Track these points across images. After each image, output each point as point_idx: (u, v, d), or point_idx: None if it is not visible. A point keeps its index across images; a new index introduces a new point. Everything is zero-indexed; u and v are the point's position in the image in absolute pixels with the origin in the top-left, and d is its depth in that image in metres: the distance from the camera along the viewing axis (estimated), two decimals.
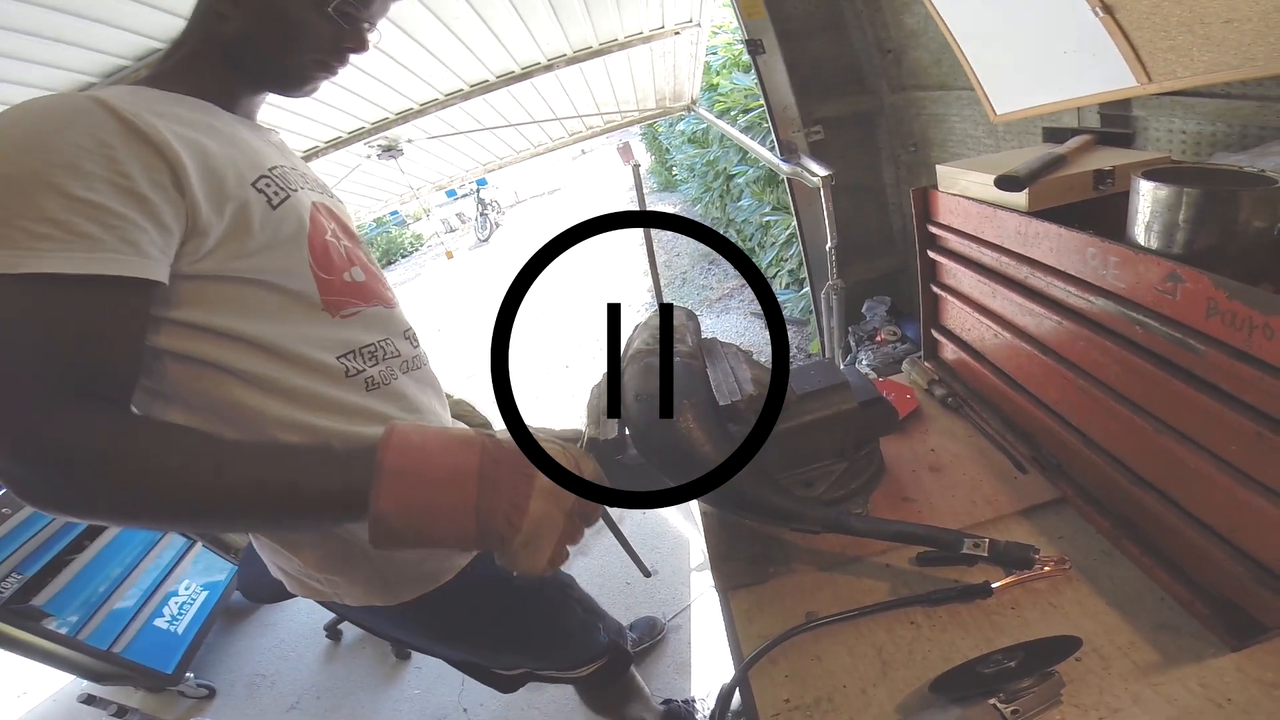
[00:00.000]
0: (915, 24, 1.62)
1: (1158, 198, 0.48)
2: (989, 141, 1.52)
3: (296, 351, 0.59)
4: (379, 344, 0.67)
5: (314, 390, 0.60)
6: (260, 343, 0.57)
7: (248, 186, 0.56)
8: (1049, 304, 0.64)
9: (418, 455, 0.44)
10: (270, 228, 0.57)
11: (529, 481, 0.46)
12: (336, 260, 0.64)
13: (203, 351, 0.54)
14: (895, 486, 0.76)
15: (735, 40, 3.40)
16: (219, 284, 0.54)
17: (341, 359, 0.63)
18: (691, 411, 0.59)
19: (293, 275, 0.59)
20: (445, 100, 2.35)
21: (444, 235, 10.62)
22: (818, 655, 0.58)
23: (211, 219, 0.52)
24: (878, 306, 2.25)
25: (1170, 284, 0.46)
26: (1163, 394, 0.52)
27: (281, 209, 0.58)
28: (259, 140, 0.64)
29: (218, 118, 0.59)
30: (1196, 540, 0.52)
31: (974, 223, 0.74)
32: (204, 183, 0.51)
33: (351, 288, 0.66)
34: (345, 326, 0.64)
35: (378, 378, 0.66)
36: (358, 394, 0.63)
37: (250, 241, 0.55)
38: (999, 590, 0.58)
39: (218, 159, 0.54)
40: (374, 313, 0.68)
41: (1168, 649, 0.50)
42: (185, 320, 0.53)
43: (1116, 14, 0.73)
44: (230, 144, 0.57)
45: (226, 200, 0.53)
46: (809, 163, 1.82)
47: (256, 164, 0.59)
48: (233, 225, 0.54)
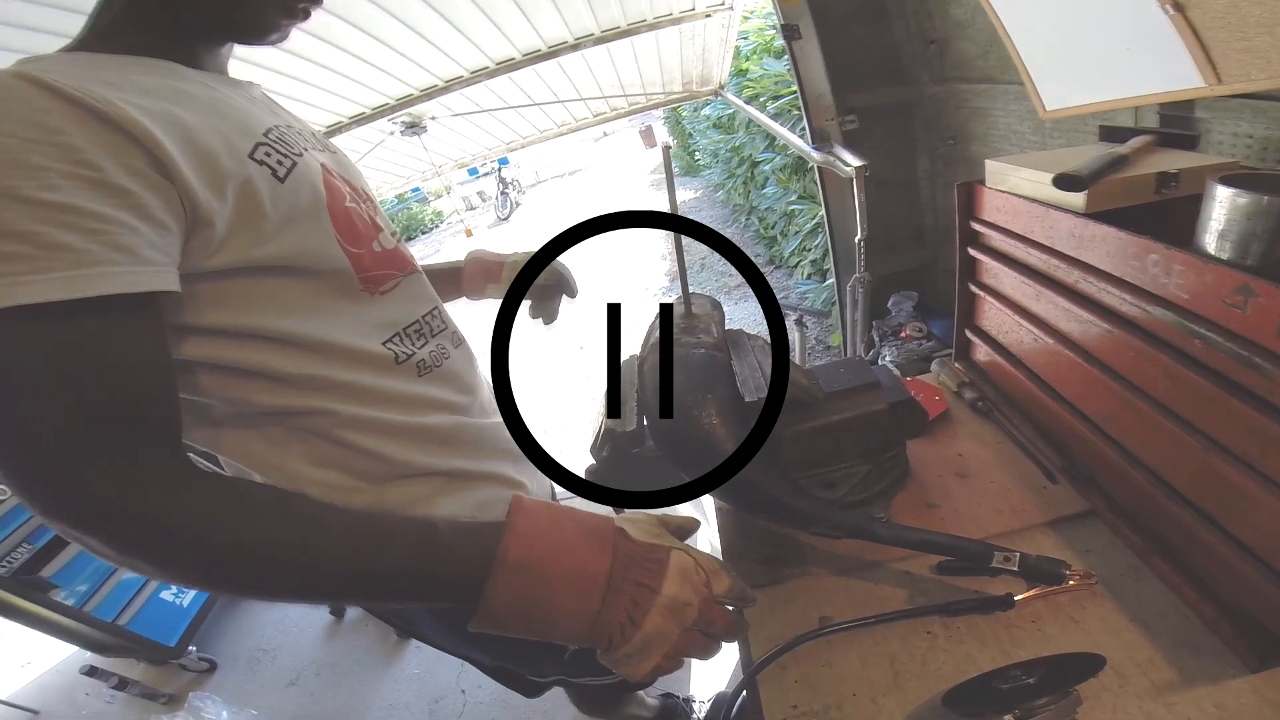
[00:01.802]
0: (962, 15, 1.55)
1: (1236, 205, 0.44)
2: (1034, 138, 1.46)
3: (341, 344, 0.52)
4: (424, 319, 0.62)
5: (365, 385, 0.54)
6: (300, 339, 0.50)
7: (245, 160, 0.47)
8: (1099, 310, 0.61)
9: (544, 549, 0.40)
10: (284, 204, 0.49)
11: (652, 596, 0.41)
12: (362, 229, 0.57)
13: (238, 358, 0.48)
14: (919, 491, 0.74)
15: (768, 25, 3.31)
16: (242, 279, 0.47)
17: (388, 344, 0.56)
18: (714, 406, 0.57)
19: (322, 255, 0.52)
20: (471, 78, 2.32)
21: (464, 213, 10.66)
22: (829, 661, 0.57)
23: (213, 204, 0.44)
24: (904, 302, 2.19)
25: (1241, 297, 0.43)
26: (1216, 411, 0.49)
27: (291, 180, 0.50)
28: (242, 99, 0.54)
29: (186, 79, 0.48)
30: (1232, 560, 0.50)
31: (1023, 222, 0.70)
32: (192, 162, 0.42)
33: (384, 258, 0.58)
34: (386, 304, 0.57)
35: (429, 359, 0.60)
36: (409, 380, 0.57)
37: (265, 224, 0.47)
38: (1020, 603, 0.56)
39: (201, 131, 0.44)
40: (412, 281, 0.62)
41: (1186, 668, 0.50)
42: (212, 326, 0.46)
43: (1188, 12, 0.69)
44: (210, 110, 0.47)
45: (225, 180, 0.45)
46: (842, 152, 1.77)
47: (248, 130, 0.49)
48: (240, 208, 0.46)
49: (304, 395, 0.51)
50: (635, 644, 0.41)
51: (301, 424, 0.52)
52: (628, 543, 0.43)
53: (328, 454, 0.53)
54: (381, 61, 2.01)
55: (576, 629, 0.40)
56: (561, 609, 0.40)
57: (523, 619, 0.40)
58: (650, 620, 0.41)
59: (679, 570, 0.43)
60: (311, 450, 0.53)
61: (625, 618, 0.40)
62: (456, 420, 0.61)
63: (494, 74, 2.32)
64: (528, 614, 0.40)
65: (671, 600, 0.42)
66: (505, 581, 0.39)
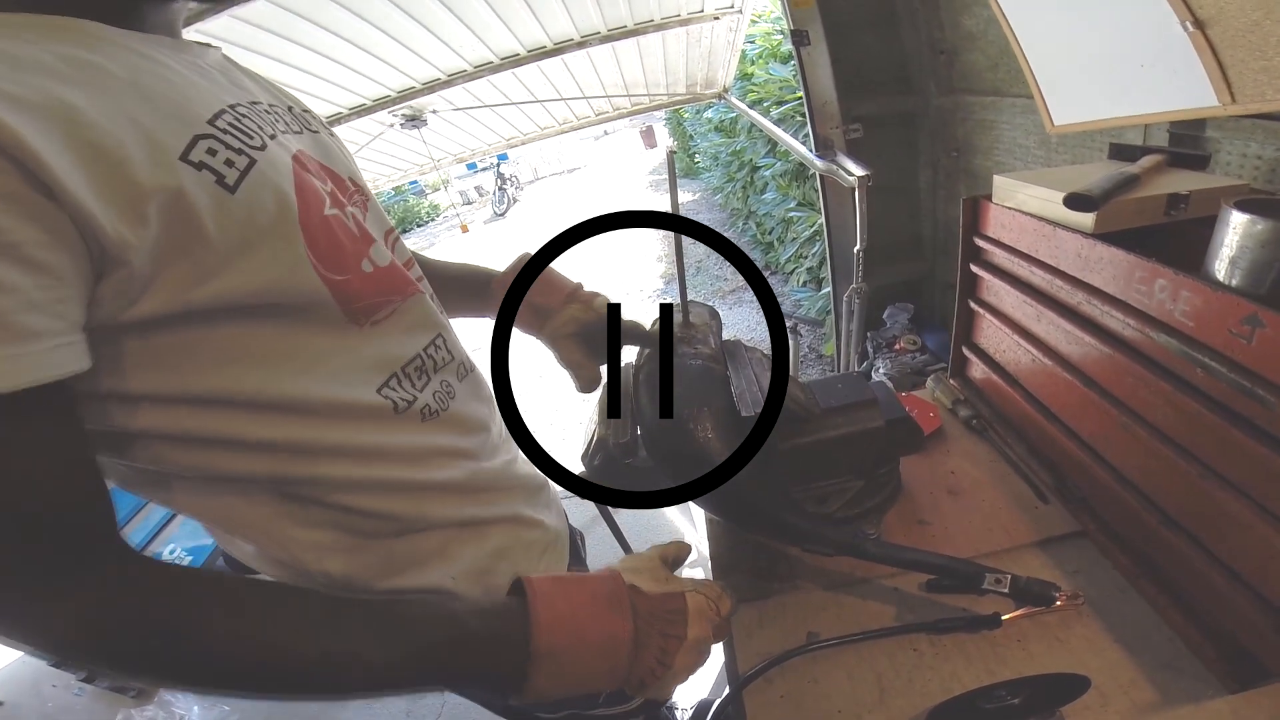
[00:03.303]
0: (974, 26, 1.55)
1: (1250, 232, 0.44)
2: (1039, 152, 1.46)
3: (325, 399, 0.42)
4: (427, 352, 0.50)
5: (359, 443, 0.44)
6: (269, 400, 0.40)
7: (176, 165, 0.34)
8: (1100, 334, 0.61)
9: (570, 629, 0.41)
10: (236, 223, 0.36)
11: (679, 643, 0.45)
12: (347, 243, 0.44)
13: (191, 427, 0.38)
14: (911, 508, 0.74)
15: (775, 30, 3.31)
16: (181, 330, 0.36)
17: (385, 390, 0.46)
18: (710, 419, 0.56)
19: (290, 289, 0.40)
20: (474, 72, 2.30)
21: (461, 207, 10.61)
22: (815, 677, 0.57)
23: (125, 233, 0.31)
24: (899, 314, 2.19)
25: (1247, 327, 0.42)
26: (1214, 439, 0.49)
27: (246, 187, 0.37)
28: (188, 70, 0.40)
29: (104, 47, 0.35)
30: (1220, 585, 0.51)
31: (1028, 240, 0.70)
32: (89, 172, 0.30)
33: (377, 280, 0.46)
34: (379, 337, 0.46)
35: (434, 403, 0.49)
36: (412, 431, 0.48)
37: (207, 254, 0.35)
38: (1008, 622, 0.56)
39: (107, 126, 0.32)
40: (414, 305, 0.50)
41: (1168, 689, 0.50)
42: (151, 394, 0.36)
43: (1208, 29, 0.69)
44: (131, 92, 0.34)
45: (143, 197, 0.32)
46: (845, 161, 1.76)
47: (186, 117, 0.36)
48: (170, 235, 0.33)
49: (284, 463, 0.42)
50: (665, 679, 0.44)
51: (286, 490, 0.43)
52: (645, 600, 0.45)
53: (321, 517, 0.45)
54: (384, 53, 1.99)
55: (610, 684, 0.43)
56: (596, 674, 0.42)
57: (561, 690, 0.42)
58: (679, 660, 0.45)
59: (697, 613, 0.46)
60: (303, 513, 0.45)
61: (655, 663, 0.44)
62: (467, 469, 0.53)
63: (498, 69, 2.30)
64: (565, 686, 0.42)
65: (695, 640, 0.45)
66: (543, 670, 0.40)
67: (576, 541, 0.72)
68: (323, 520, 0.45)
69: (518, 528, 0.57)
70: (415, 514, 0.49)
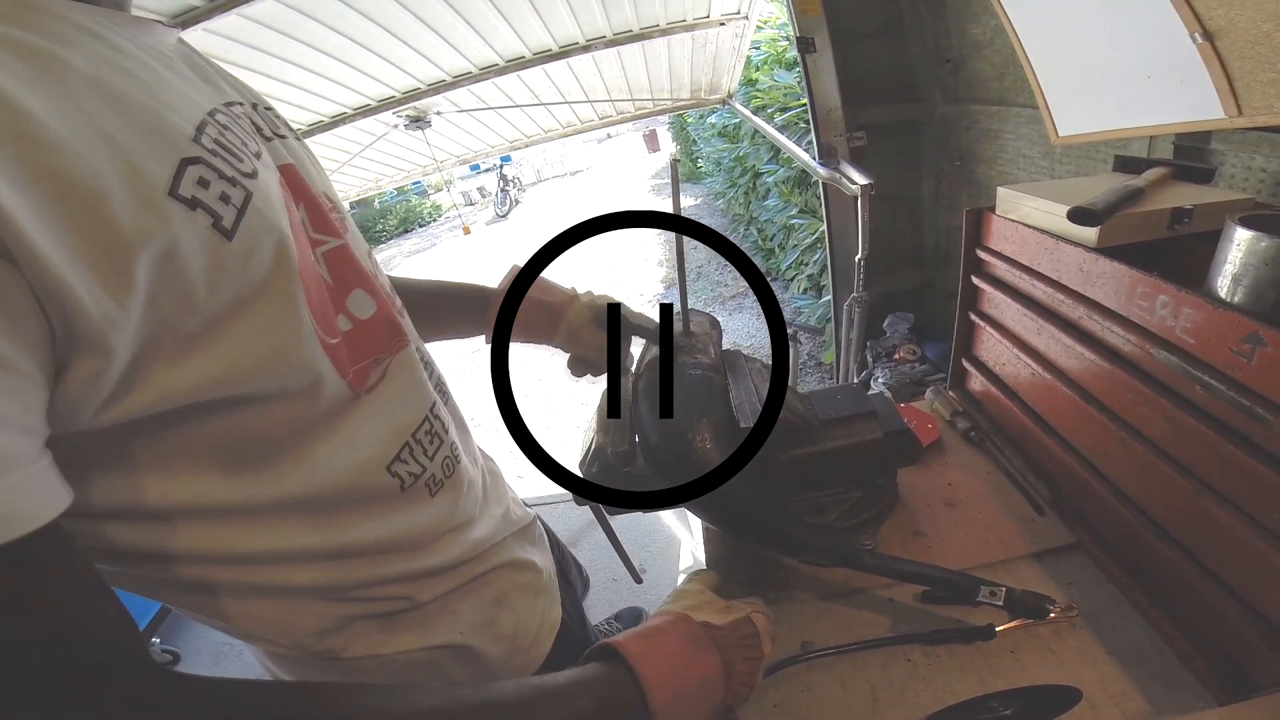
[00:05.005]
0: (980, 35, 1.55)
1: (1255, 249, 0.43)
2: (1043, 163, 1.47)
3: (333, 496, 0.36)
4: (430, 416, 0.44)
5: (372, 539, 0.39)
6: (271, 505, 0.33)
7: (164, 199, 0.25)
8: (1100, 349, 0.60)
9: (675, 682, 0.42)
10: (229, 281, 0.28)
11: (760, 662, 0.49)
12: (326, 292, 0.36)
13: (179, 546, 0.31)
14: (907, 519, 0.73)
15: (780, 37, 3.32)
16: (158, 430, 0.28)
17: (394, 466, 0.40)
18: (709, 429, 0.56)
19: (291, 357, 0.32)
20: (479, 74, 2.31)
21: (463, 208, 10.61)
22: (809, 687, 0.57)
23: (107, 304, 0.24)
24: (899, 323, 2.19)
25: (1248, 346, 0.42)
26: (1212, 457, 0.49)
27: (244, 232, 0.29)
28: (153, 58, 0.30)
29: (49, 25, 0.25)
30: (1213, 598, 0.51)
31: (1030, 253, 0.69)
32: (52, 214, 0.22)
33: (361, 337, 0.38)
34: (381, 403, 0.39)
35: (441, 471, 0.44)
36: (420, 507, 0.43)
37: (190, 320, 0.27)
38: (1001, 633, 0.57)
39: (70, 147, 0.23)
40: (404, 360, 0.42)
41: (1159, 700, 0.51)
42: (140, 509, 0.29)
43: (1217, 41, 0.68)
44: (96, 94, 0.25)
45: (128, 249, 0.24)
46: (848, 169, 1.76)
47: (167, 131, 0.27)
48: (155, 304, 0.25)
49: (289, 572, 0.36)
50: (750, 694, 0.48)
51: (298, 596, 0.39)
52: (720, 633, 0.48)
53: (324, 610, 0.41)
54: (390, 53, 1.99)
55: (712, 714, 0.46)
56: (701, 712, 0.45)
57: None
58: (760, 675, 0.49)
59: (766, 632, 0.51)
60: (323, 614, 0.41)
61: (742, 686, 0.47)
62: (469, 540, 0.50)
63: (503, 71, 2.31)
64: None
65: (771, 654, 0.50)
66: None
67: (566, 565, 0.73)
68: (324, 612, 0.41)
69: (513, 571, 0.58)
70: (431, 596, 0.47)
